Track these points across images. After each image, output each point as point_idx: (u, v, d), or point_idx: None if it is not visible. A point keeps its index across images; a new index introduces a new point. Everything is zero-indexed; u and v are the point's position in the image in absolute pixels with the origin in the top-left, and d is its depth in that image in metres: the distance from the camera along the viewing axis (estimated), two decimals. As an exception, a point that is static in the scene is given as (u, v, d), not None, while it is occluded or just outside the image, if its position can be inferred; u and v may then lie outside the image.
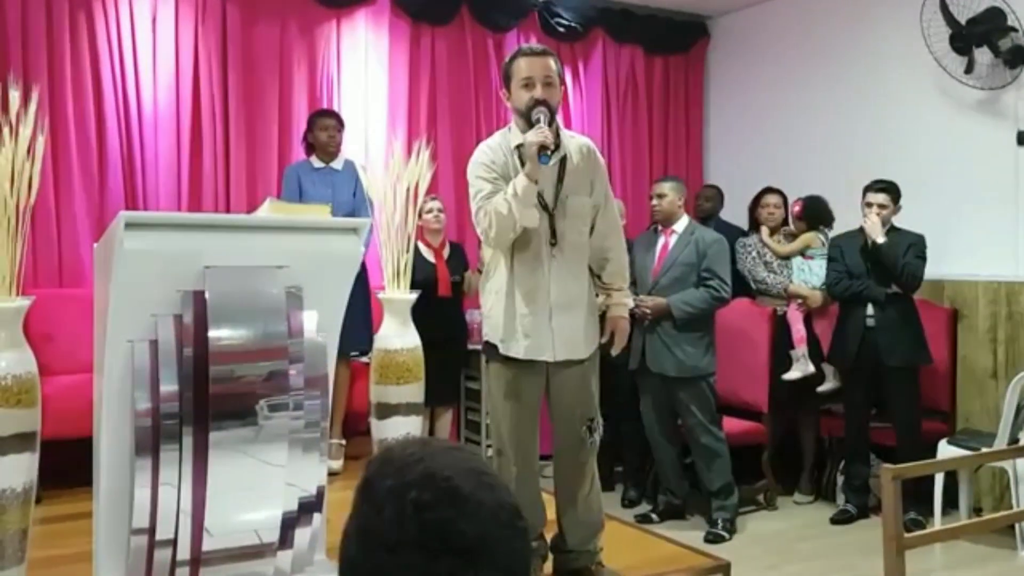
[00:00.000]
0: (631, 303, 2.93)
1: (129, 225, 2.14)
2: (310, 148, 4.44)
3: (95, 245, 2.39)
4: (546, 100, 2.64)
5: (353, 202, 4.23)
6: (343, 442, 4.26)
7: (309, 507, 2.44)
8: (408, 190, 3.49)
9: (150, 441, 2.17)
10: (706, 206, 5.42)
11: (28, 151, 2.18)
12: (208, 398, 2.19)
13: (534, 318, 2.69)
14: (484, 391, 4.37)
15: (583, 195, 2.76)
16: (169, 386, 2.19)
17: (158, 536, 2.19)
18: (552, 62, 2.71)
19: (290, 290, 2.42)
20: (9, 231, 2.12)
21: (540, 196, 2.66)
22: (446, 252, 4.74)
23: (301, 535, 2.42)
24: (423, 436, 3.54)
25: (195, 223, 2.47)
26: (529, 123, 2.64)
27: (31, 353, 2.14)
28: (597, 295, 2.88)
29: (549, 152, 2.54)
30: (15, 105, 2.19)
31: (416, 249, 3.74)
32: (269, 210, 3.18)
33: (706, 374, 4.08)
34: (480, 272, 4.92)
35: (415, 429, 3.07)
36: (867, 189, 4.28)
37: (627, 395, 4.53)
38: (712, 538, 3.90)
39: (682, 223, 4.23)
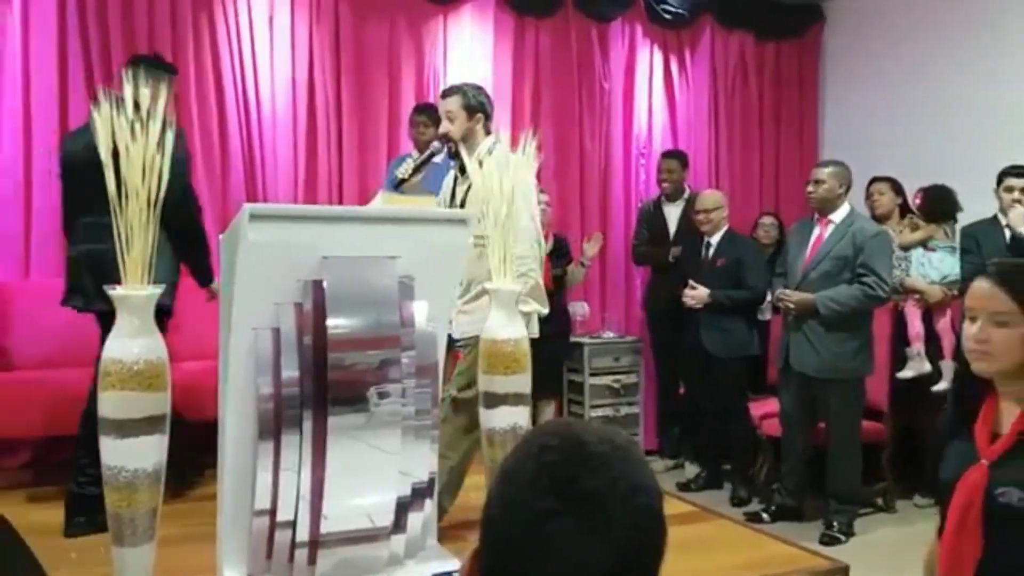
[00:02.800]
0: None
1: (253, 217, 2.21)
2: (415, 143, 4.55)
3: (220, 236, 2.48)
4: (446, 134, 3.27)
5: None
6: (449, 431, 4.31)
7: (421, 493, 2.48)
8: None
9: (272, 425, 2.24)
10: (821, 196, 5.22)
11: (158, 145, 2.27)
12: (326, 384, 2.25)
13: None
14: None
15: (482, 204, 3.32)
16: (290, 372, 2.26)
17: (279, 518, 2.26)
18: (452, 99, 3.27)
19: (402, 280, 2.46)
20: (141, 222, 2.22)
21: (454, 197, 3.33)
22: (549, 245, 4.73)
23: (414, 520, 2.46)
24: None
25: (314, 215, 2.54)
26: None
27: (162, 339, 2.23)
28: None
29: (399, 179, 3.35)
30: (145, 101, 2.29)
31: (519, 241, 3.76)
32: (381, 202, 3.25)
33: (854, 376, 3.88)
34: (583, 265, 4.95)
35: (523, 419, 3.06)
36: (1006, 174, 4.00)
37: (734, 393, 4.42)
38: (828, 540, 3.77)
39: (841, 213, 3.97)
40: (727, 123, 5.86)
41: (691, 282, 4.49)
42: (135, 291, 2.22)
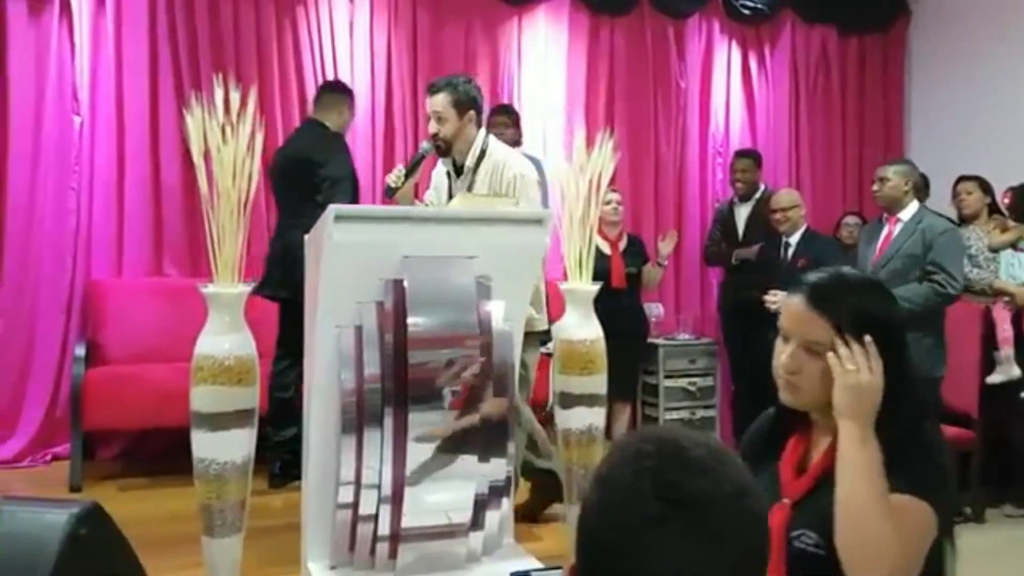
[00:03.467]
0: None
1: (338, 218, 2.26)
2: (490, 142, 4.56)
3: (305, 237, 2.55)
4: (436, 134, 3.10)
5: None
6: (524, 430, 4.31)
7: (498, 491, 2.49)
8: (590, 181, 3.48)
9: (355, 420, 2.29)
10: (906, 197, 5.04)
11: (248, 147, 2.34)
12: (406, 382, 2.28)
13: None
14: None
15: (483, 192, 3.17)
16: (373, 369, 2.30)
17: (361, 512, 2.30)
18: (440, 97, 3.08)
19: (480, 280, 2.48)
20: (232, 222, 2.30)
21: (450, 195, 3.19)
22: (623, 244, 4.71)
23: (491, 518, 2.47)
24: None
25: (395, 216, 2.58)
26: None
27: (251, 336, 2.31)
28: None
29: (390, 189, 3.15)
30: (235, 104, 2.37)
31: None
32: (459, 202, 3.28)
33: (926, 377, 3.77)
34: (660, 265, 4.90)
35: (599, 420, 3.06)
36: None
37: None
38: (914, 549, 3.65)
39: (909, 211, 3.89)
40: (808, 121, 5.74)
41: (772, 290, 4.39)
42: (226, 289, 2.30)
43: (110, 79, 4.44)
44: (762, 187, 5.07)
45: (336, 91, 4.22)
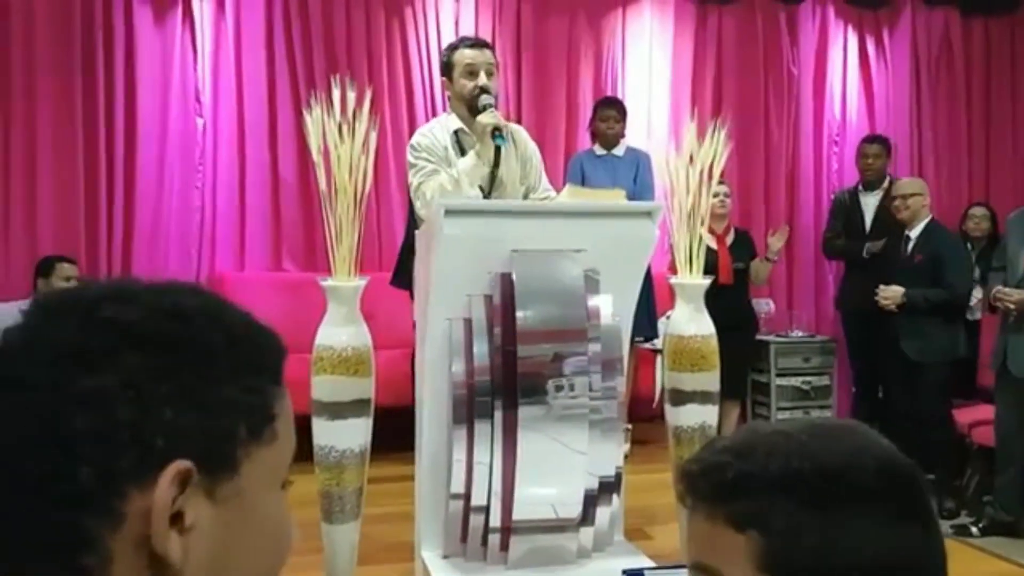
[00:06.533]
0: None
1: (448, 212, 2.30)
2: (594, 136, 4.52)
3: (416, 232, 2.60)
4: (486, 88, 2.81)
5: (634, 188, 4.24)
6: (629, 426, 4.27)
7: (608, 487, 2.47)
8: (700, 172, 3.41)
9: (465, 412, 2.32)
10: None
11: (363, 145, 2.40)
12: (516, 375, 2.29)
13: None
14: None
15: (516, 176, 2.91)
16: (482, 361, 2.32)
17: (473, 503, 2.33)
18: (488, 54, 2.88)
19: (588, 273, 2.46)
20: (348, 217, 2.37)
21: (463, 151, 2.83)
22: (730, 238, 4.60)
23: (602, 514, 2.46)
24: None
25: (503, 209, 2.59)
26: (470, 109, 2.78)
27: (366, 328, 2.37)
28: None
29: (503, 134, 2.67)
30: (351, 104, 2.43)
31: (697, 234, 3.65)
32: (568, 195, 3.27)
33: None
34: (769, 260, 4.75)
35: (711, 419, 3.00)
36: None
37: (936, 400, 4.09)
38: (1048, 559, 3.43)
39: None
40: (931, 107, 5.47)
41: (882, 283, 4.19)
42: (343, 282, 2.37)
43: (230, 82, 4.63)
44: (888, 177, 4.83)
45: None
